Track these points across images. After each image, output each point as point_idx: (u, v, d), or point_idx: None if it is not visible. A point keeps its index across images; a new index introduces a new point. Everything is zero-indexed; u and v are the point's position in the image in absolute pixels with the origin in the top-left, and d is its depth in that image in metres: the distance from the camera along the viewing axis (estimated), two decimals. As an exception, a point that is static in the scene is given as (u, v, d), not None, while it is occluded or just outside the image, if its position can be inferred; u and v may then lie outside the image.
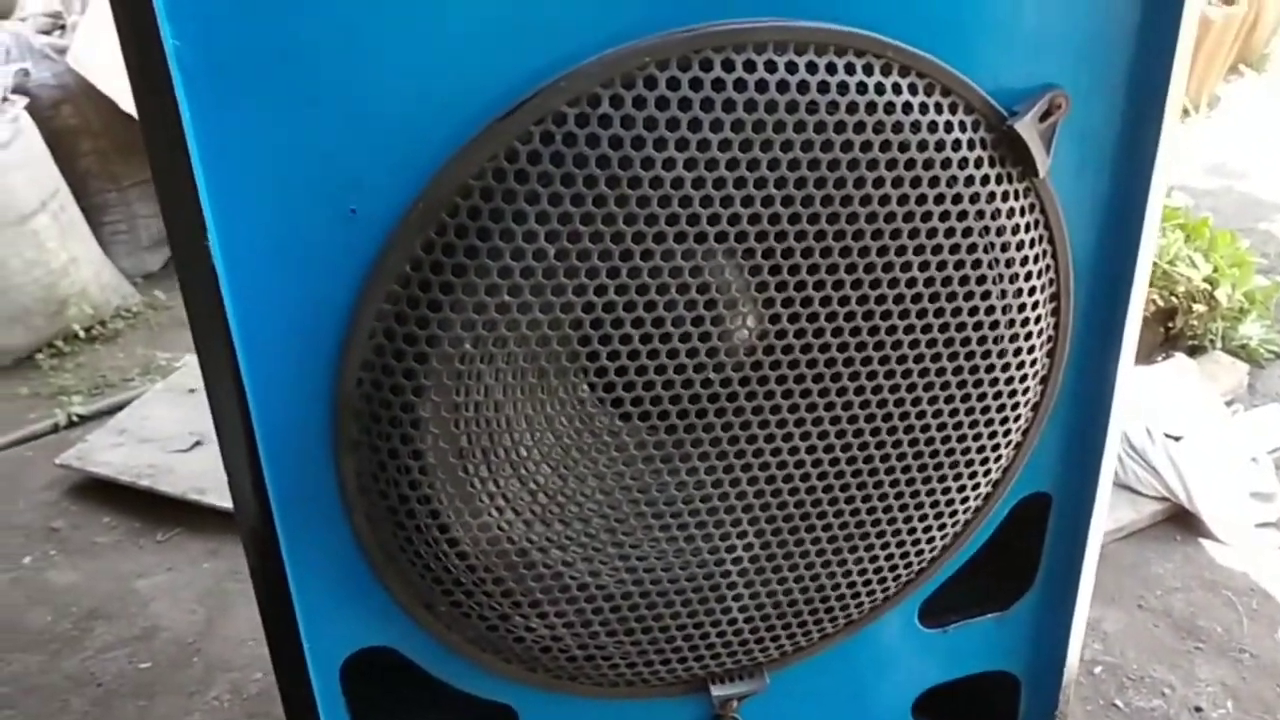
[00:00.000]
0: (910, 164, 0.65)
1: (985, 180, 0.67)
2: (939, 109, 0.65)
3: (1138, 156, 0.72)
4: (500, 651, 0.75)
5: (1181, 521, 1.94)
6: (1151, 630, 1.71)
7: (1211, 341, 2.38)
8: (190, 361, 2.70)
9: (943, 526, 0.79)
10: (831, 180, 0.64)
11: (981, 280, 0.70)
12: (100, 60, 2.87)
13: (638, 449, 0.70)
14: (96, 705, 1.78)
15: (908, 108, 0.64)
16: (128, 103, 2.84)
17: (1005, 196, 0.68)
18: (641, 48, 0.60)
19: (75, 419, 2.53)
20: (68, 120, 2.98)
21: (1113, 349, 0.78)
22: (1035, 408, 0.78)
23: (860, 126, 0.63)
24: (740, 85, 0.61)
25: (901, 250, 0.67)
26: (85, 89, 2.92)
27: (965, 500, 0.79)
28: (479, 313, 0.62)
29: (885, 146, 0.64)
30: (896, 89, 0.64)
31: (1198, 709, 1.56)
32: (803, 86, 0.62)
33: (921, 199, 0.66)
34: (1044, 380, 0.77)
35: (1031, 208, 0.70)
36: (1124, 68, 0.70)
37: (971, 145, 0.67)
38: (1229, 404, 2.20)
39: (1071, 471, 0.84)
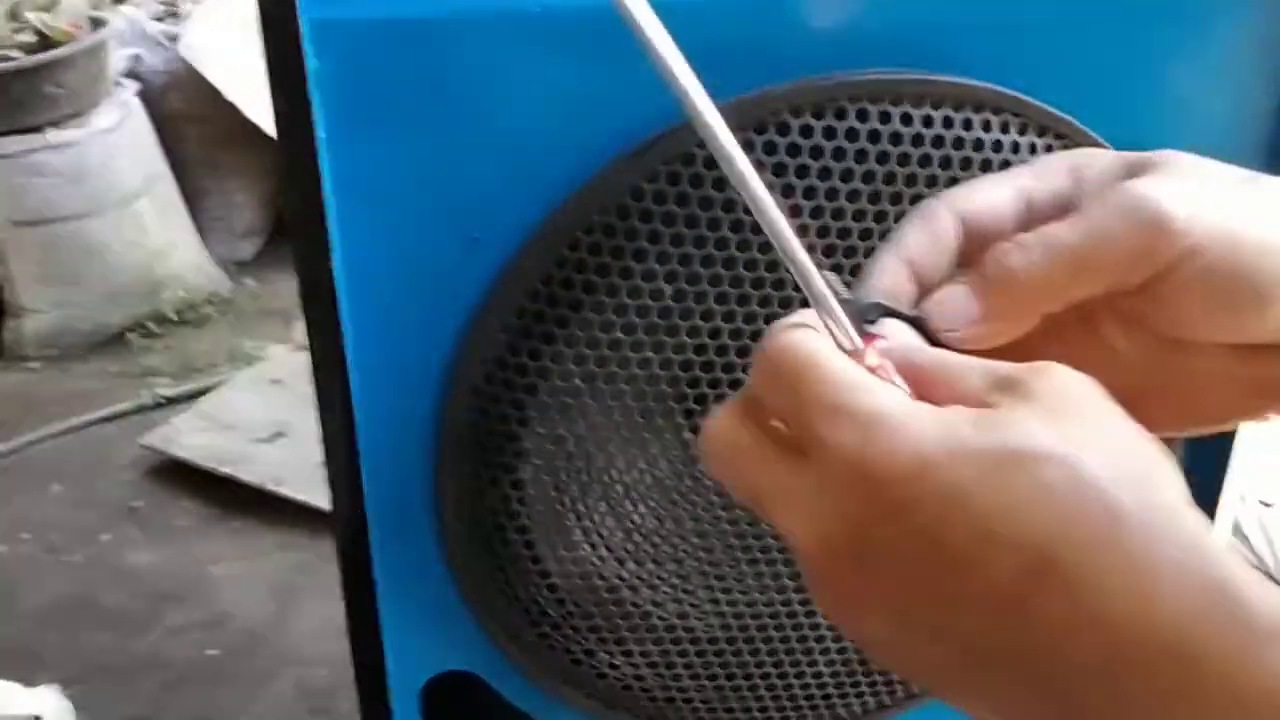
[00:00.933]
0: (1040, 226, 0.63)
1: (1116, 247, 0.65)
2: (1074, 171, 0.64)
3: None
4: (582, 686, 0.74)
5: (1269, 591, 1.88)
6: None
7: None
8: (275, 353, 2.74)
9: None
10: (958, 238, 0.62)
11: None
12: (211, 50, 2.93)
13: (737, 494, 0.69)
14: (164, 689, 1.80)
15: (1042, 169, 0.63)
16: (234, 93, 2.90)
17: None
18: (776, 93, 0.59)
19: (161, 401, 2.58)
20: (175, 106, 3.04)
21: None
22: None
23: (992, 185, 0.62)
24: (874, 136, 0.60)
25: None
26: (194, 77, 2.98)
27: None
28: (591, 348, 0.62)
29: (1016, 207, 0.62)
30: (1033, 148, 0.62)
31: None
32: (937, 141, 0.61)
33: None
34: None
35: (1161, 277, 0.68)
36: (1263, 146, 0.68)
37: (1105, 210, 0.65)
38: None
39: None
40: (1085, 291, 0.38)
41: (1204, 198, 0.37)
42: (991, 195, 0.41)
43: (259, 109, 2.92)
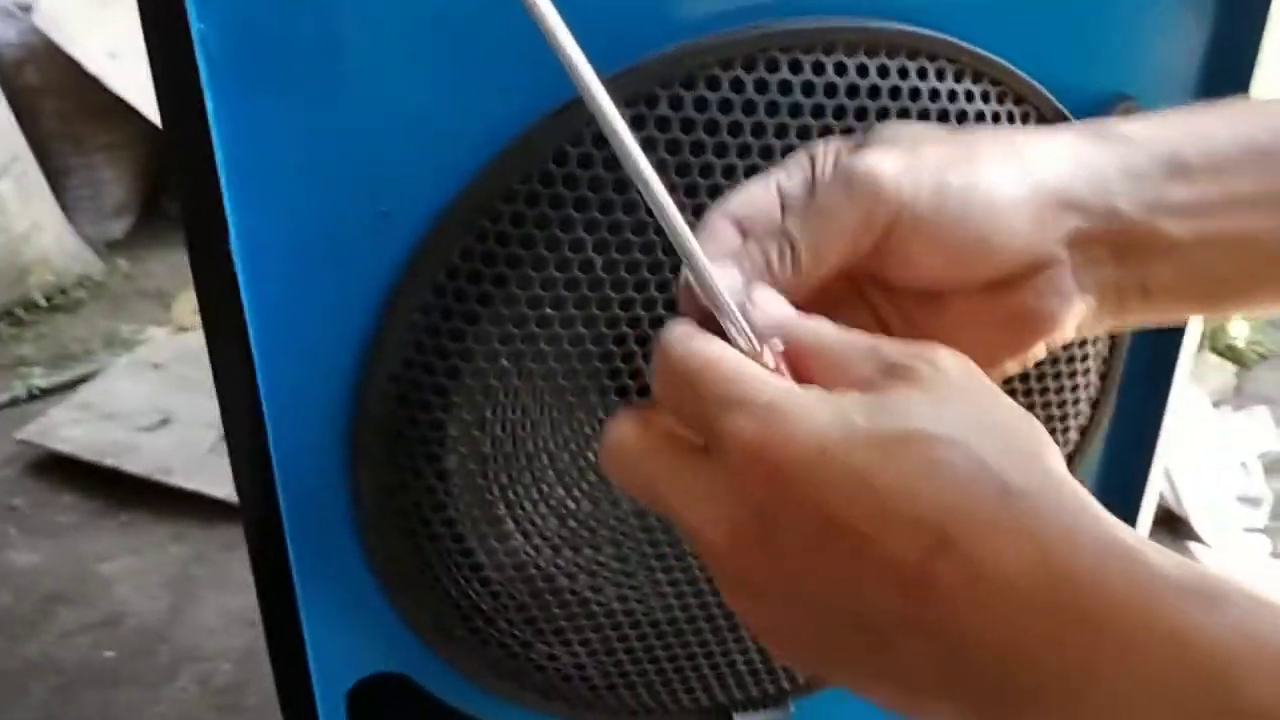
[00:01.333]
0: (979, 176, 0.61)
1: (1054, 195, 0.63)
2: (1011, 118, 0.61)
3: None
4: (519, 680, 0.70)
5: (1169, 525, 1.93)
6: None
7: (1199, 342, 2.37)
8: (155, 336, 2.63)
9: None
10: (897, 192, 0.60)
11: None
12: (69, 19, 2.78)
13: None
14: (58, 693, 1.72)
15: (980, 116, 0.60)
16: (95, 64, 2.76)
17: (1073, 212, 0.64)
18: (703, 45, 0.55)
19: (36, 392, 2.46)
20: (30, 81, 2.88)
21: (1159, 397, 0.75)
22: (1070, 458, 0.74)
23: (930, 135, 0.59)
24: (808, 89, 0.56)
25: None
26: (50, 49, 2.82)
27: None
28: (518, 326, 0.58)
29: (954, 157, 0.60)
30: (969, 96, 0.60)
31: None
32: (873, 91, 0.57)
33: (988, 214, 0.62)
34: (1083, 431, 0.73)
35: (1097, 224, 0.66)
36: (1196, 81, 0.66)
37: (1042, 158, 0.63)
38: (1216, 405, 2.20)
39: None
40: (831, 266, 0.41)
41: (913, 160, 0.41)
42: (754, 196, 0.44)
43: (124, 80, 2.78)
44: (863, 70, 0.57)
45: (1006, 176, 0.41)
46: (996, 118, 0.61)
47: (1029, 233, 0.41)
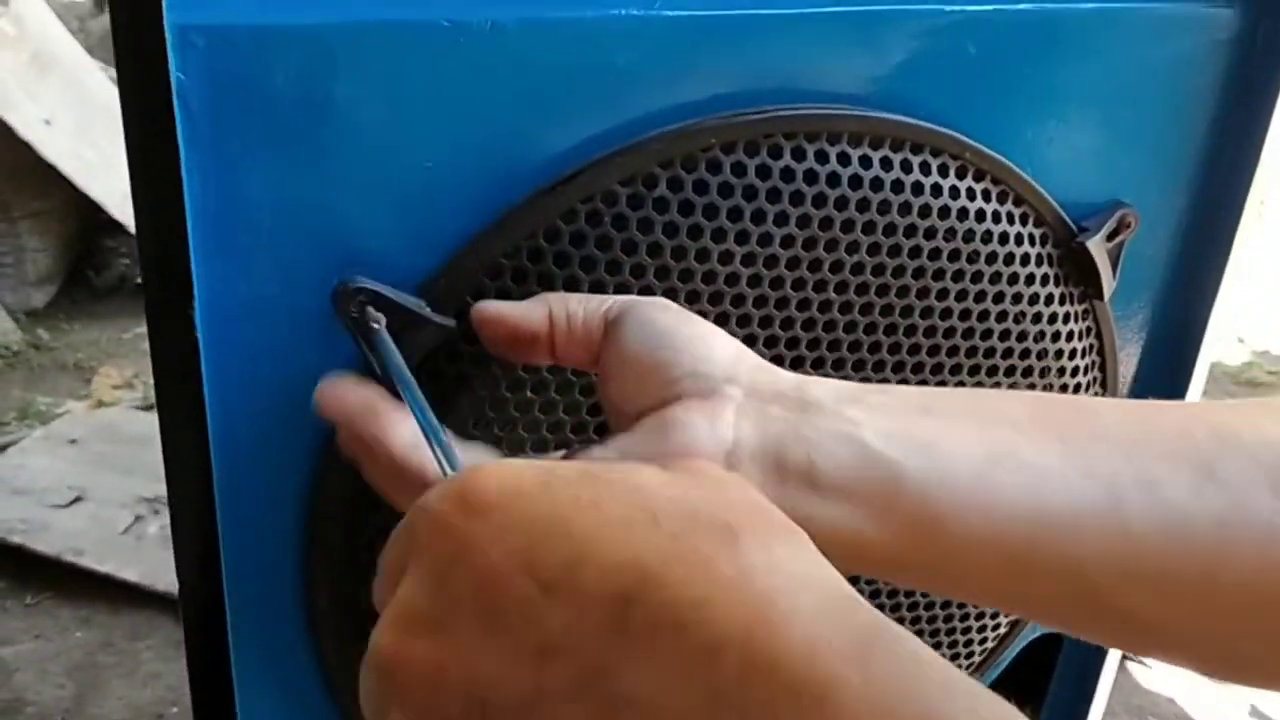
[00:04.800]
0: (977, 277, 0.59)
1: (1049, 300, 0.62)
2: (1010, 219, 0.60)
3: (1198, 286, 0.68)
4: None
5: (1105, 640, 1.91)
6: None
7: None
8: (73, 410, 2.53)
9: (968, 655, 0.72)
10: (894, 289, 0.58)
11: (1032, 406, 0.64)
12: (2, 83, 2.71)
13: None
14: (-54, 789, 1.60)
15: (980, 215, 0.59)
16: (28, 130, 2.69)
17: (1067, 318, 0.63)
18: (706, 127, 0.53)
19: (-58, 464, 2.34)
20: (-44, 144, 2.80)
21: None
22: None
23: (931, 233, 0.57)
24: (810, 177, 0.54)
25: (956, 369, 0.61)
26: (-20, 112, 2.75)
27: (984, 637, 0.72)
28: (496, 410, 0.54)
29: (954, 256, 0.58)
30: (970, 194, 0.58)
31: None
32: (876, 184, 0.56)
33: (984, 315, 0.60)
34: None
35: (1089, 330, 0.65)
36: (1193, 190, 0.66)
37: (1039, 261, 0.61)
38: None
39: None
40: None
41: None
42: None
43: (57, 149, 2.72)
44: (865, 162, 0.56)
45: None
46: (997, 218, 0.59)
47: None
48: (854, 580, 0.44)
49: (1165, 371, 0.71)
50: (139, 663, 1.81)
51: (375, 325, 0.49)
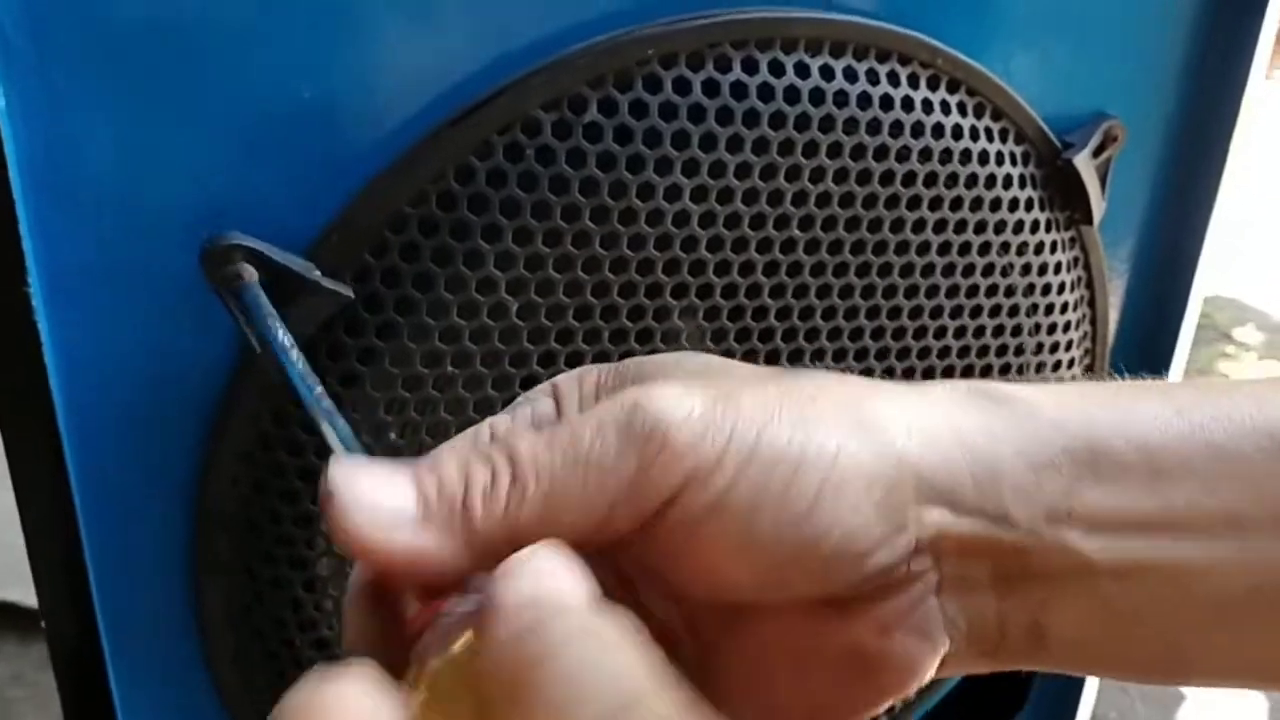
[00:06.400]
0: (956, 204, 0.52)
1: (1035, 227, 0.55)
2: (989, 135, 0.52)
3: (1190, 205, 0.61)
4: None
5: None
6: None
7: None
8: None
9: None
10: (865, 221, 0.50)
11: (1020, 350, 0.57)
12: None
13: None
14: None
15: (957, 132, 0.51)
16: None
17: (1054, 247, 0.56)
18: (641, 37, 0.45)
19: None
20: None
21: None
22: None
23: (904, 154, 0.50)
24: (766, 93, 0.46)
25: (937, 311, 0.54)
26: None
27: None
28: (411, 388, 0.45)
29: (930, 181, 0.51)
30: (945, 108, 0.51)
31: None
32: (840, 98, 0.48)
33: (965, 248, 0.53)
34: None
35: (1076, 261, 0.58)
36: (1181, 105, 0.59)
37: (1023, 183, 0.54)
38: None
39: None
40: (568, 533, 0.26)
41: (723, 406, 0.27)
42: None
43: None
44: (826, 73, 0.48)
45: (852, 444, 0.27)
46: (975, 134, 0.52)
47: (879, 534, 0.27)
48: None
49: (1155, 307, 0.64)
50: (52, 694, 1.69)
51: (247, 280, 0.40)
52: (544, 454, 0.27)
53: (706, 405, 0.27)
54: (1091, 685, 0.74)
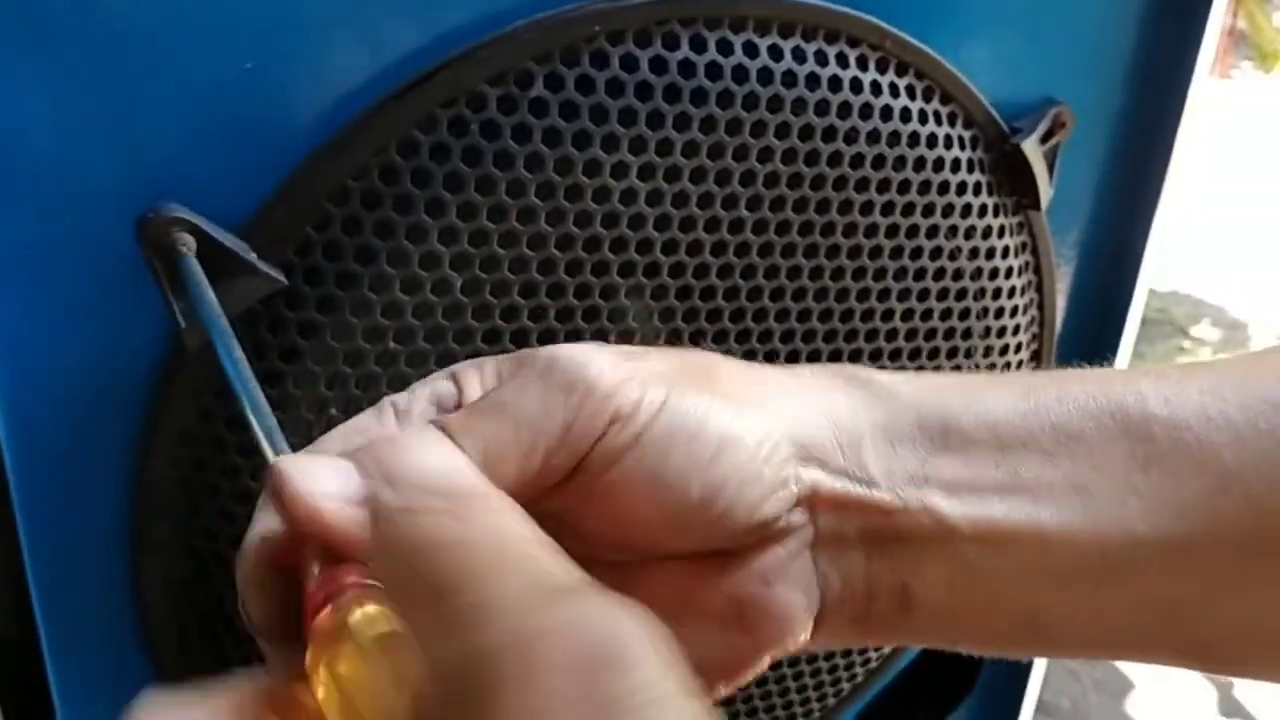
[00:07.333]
0: (904, 187, 0.52)
1: (983, 211, 0.55)
2: (938, 118, 0.53)
3: (1139, 192, 0.61)
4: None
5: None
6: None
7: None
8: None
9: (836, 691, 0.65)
10: (812, 203, 0.50)
11: (967, 334, 0.57)
12: None
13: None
14: None
15: (905, 115, 0.51)
16: None
17: (1001, 232, 0.56)
18: (589, 12, 0.45)
19: None
20: None
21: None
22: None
23: (851, 136, 0.50)
24: (714, 71, 0.46)
25: (885, 294, 0.54)
26: None
27: (852, 673, 0.65)
28: (353, 363, 0.45)
29: (878, 163, 0.51)
30: (894, 90, 0.51)
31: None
32: (788, 78, 0.48)
33: (912, 231, 0.53)
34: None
35: (1024, 246, 0.58)
36: (1131, 86, 0.59)
37: (970, 166, 0.54)
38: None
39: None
40: (515, 480, 0.28)
41: (635, 363, 0.30)
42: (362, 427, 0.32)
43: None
44: (775, 53, 0.48)
45: (745, 409, 0.30)
46: (924, 117, 0.52)
47: (768, 485, 0.30)
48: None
49: (1102, 295, 0.64)
50: None
51: (185, 252, 0.40)
52: (473, 420, 0.28)
53: (618, 360, 0.30)
54: (1038, 670, 0.75)
